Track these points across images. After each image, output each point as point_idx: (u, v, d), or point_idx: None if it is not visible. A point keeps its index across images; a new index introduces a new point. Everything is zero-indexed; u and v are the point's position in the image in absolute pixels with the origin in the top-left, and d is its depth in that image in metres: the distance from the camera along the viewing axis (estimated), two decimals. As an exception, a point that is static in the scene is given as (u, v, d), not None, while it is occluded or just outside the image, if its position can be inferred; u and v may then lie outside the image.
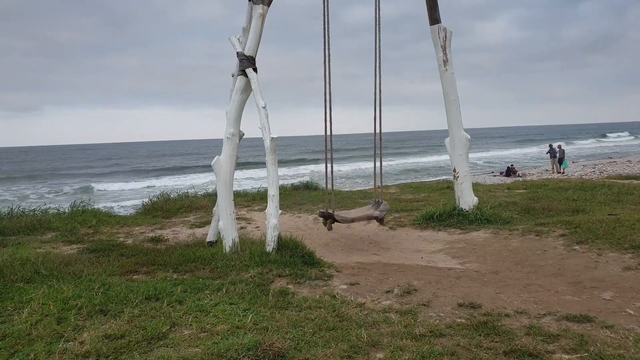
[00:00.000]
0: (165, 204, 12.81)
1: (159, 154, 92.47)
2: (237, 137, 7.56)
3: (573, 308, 4.71)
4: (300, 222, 10.42)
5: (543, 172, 32.31)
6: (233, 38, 7.59)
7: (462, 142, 9.55)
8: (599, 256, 6.28)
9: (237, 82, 7.49)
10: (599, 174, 26.08)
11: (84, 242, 8.68)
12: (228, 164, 7.38)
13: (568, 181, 15.03)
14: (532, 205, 10.26)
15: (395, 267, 6.48)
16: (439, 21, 9.59)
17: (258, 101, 7.19)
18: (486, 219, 9.02)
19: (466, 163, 9.64)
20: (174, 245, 8.10)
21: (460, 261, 6.97)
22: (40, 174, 53.39)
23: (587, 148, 65.24)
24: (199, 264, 6.33)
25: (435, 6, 9.62)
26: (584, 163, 38.15)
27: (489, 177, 31.55)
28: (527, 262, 6.50)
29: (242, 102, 7.55)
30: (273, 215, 6.74)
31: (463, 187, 9.52)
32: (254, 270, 5.86)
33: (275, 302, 4.72)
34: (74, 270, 5.92)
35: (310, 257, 6.37)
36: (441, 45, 9.57)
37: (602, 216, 8.35)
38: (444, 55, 9.56)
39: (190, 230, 10.03)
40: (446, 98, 9.64)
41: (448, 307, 4.74)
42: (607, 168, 30.58)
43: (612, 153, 52.17)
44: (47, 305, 4.51)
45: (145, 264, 6.54)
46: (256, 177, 37.13)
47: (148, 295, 4.84)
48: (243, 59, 7.38)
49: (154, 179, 43.80)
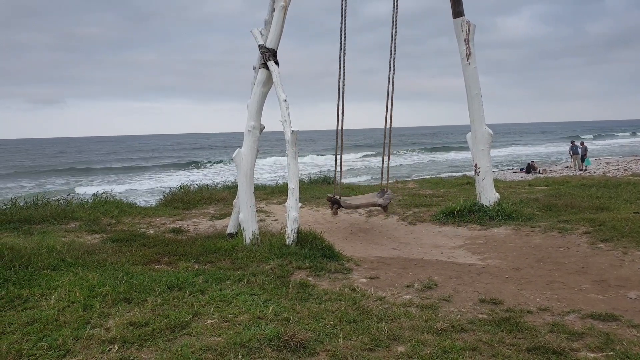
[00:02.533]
0: (186, 195, 12.94)
1: (187, 147, 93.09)
2: (257, 130, 7.60)
3: (598, 306, 4.63)
4: (319, 215, 10.43)
5: (564, 169, 31.79)
6: (255, 30, 7.60)
7: (484, 137, 9.43)
8: (625, 255, 6.16)
9: (258, 75, 7.51)
10: (622, 172, 25.55)
11: (107, 232, 8.83)
12: (249, 156, 7.43)
13: (591, 178, 14.75)
14: (554, 202, 10.10)
15: (415, 262, 6.45)
16: (463, 14, 9.47)
17: (279, 94, 7.20)
18: (507, 215, 8.91)
19: (488, 158, 9.52)
20: (195, 237, 8.19)
21: (481, 257, 6.90)
22: (69, 167, 54.40)
23: (610, 145, 63.90)
24: (219, 255, 6.39)
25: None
26: (607, 160, 37.39)
27: (509, 173, 31.17)
28: (550, 260, 6.41)
29: (263, 95, 7.58)
30: (293, 208, 6.76)
31: (484, 182, 9.41)
32: (274, 262, 5.90)
33: (296, 294, 4.75)
34: (98, 259, 6.03)
35: (329, 251, 6.38)
36: (464, 38, 9.45)
37: (627, 214, 8.18)
38: (467, 49, 9.43)
39: (211, 221, 10.12)
40: (468, 92, 9.52)
41: (469, 303, 4.71)
42: (632, 165, 29.95)
43: (637, 150, 51.02)
44: (73, 292, 4.61)
45: (167, 254, 6.63)
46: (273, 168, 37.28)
47: (170, 285, 4.90)
48: (265, 51, 7.38)
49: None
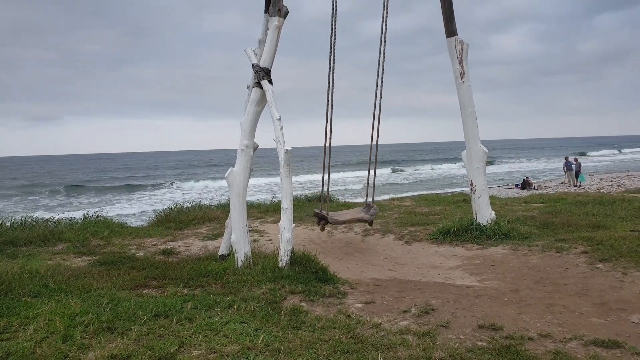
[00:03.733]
0: (178, 215, 12.75)
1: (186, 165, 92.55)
2: (251, 149, 7.47)
3: (600, 332, 4.48)
4: (314, 235, 10.26)
5: (559, 185, 31.80)
6: (249, 50, 7.53)
7: (479, 155, 9.35)
8: (624, 275, 6.03)
9: (252, 94, 7.42)
10: (616, 188, 25.56)
11: (95, 253, 8.62)
12: (242, 176, 7.29)
13: (586, 195, 14.67)
14: (550, 219, 9.99)
15: (411, 284, 6.29)
16: (456, 33, 9.46)
17: (273, 113, 7.10)
18: (504, 234, 8.78)
19: (483, 176, 9.43)
20: (186, 259, 8.00)
21: (479, 278, 6.74)
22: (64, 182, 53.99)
23: (603, 161, 64.28)
24: (210, 278, 6.20)
25: (451, 19, 9.48)
26: (601, 176, 37.49)
27: (504, 189, 31.14)
28: (549, 281, 6.26)
29: (257, 114, 7.47)
30: (286, 229, 6.60)
31: (480, 201, 9.30)
32: (266, 286, 5.72)
33: (288, 322, 4.56)
34: (83, 284, 5.82)
35: (324, 273, 6.20)
36: (458, 57, 9.42)
37: (624, 232, 8.07)
38: (460, 68, 9.40)
39: (203, 242, 9.94)
40: (463, 111, 9.47)
41: (468, 329, 4.54)
42: (625, 182, 29.99)
43: (629, 166, 51.31)
44: (53, 321, 4.40)
45: (156, 278, 6.42)
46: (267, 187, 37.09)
47: (157, 312, 4.71)
48: (258, 70, 7.31)
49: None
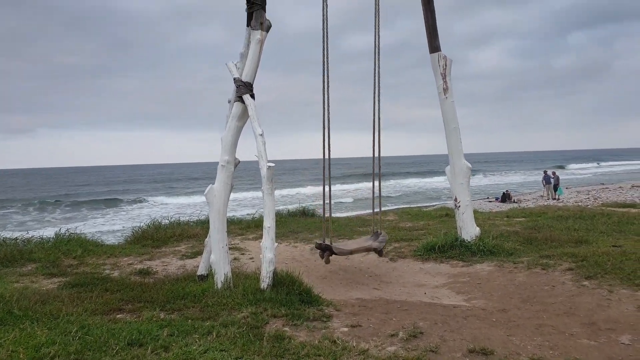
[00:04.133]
0: (156, 232, 12.36)
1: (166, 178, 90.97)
2: (232, 165, 7.26)
3: (592, 354, 4.37)
4: (296, 252, 10.04)
5: (538, 198, 32.22)
6: (230, 64, 7.34)
7: (463, 171, 9.30)
8: (611, 293, 5.96)
9: (233, 109, 7.22)
10: (593, 201, 25.97)
11: (67, 274, 8.23)
12: (222, 193, 7.06)
13: (566, 209, 14.78)
14: (534, 235, 9.96)
15: (398, 305, 6.11)
16: (439, 49, 9.44)
17: (255, 128, 6.91)
18: (489, 251, 8.70)
19: (467, 192, 9.37)
20: (163, 279, 7.68)
21: (466, 297, 6.61)
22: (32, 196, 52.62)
23: (580, 174, 65.64)
24: (188, 301, 5.93)
25: (435, 35, 9.47)
26: (578, 189, 38.15)
27: (484, 202, 31.40)
28: (536, 299, 6.16)
29: (239, 129, 7.27)
30: (269, 249, 6.38)
31: (464, 217, 9.22)
32: (247, 309, 5.48)
33: (270, 349, 4.33)
34: (52, 310, 5.48)
35: (307, 295, 5.99)
36: (441, 73, 9.40)
37: (606, 248, 8.06)
38: (444, 84, 9.38)
39: (181, 261, 9.62)
40: (446, 126, 9.42)
41: (458, 354, 4.38)
42: (601, 194, 30.53)
43: (604, 179, 52.44)
44: (16, 352, 4.08)
45: (131, 301, 6.12)
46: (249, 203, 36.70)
47: (131, 340, 4.43)
48: (240, 85, 7.13)
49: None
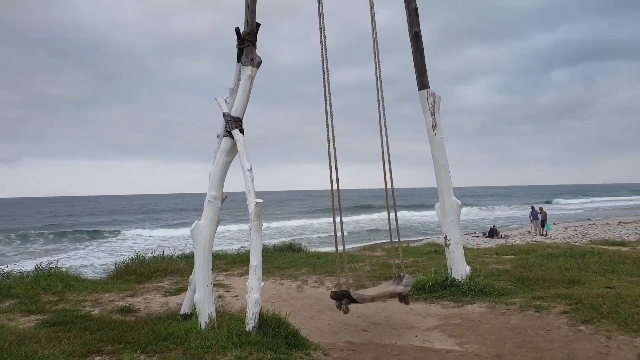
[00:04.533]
0: (139, 266, 12.02)
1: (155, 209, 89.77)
2: (219, 201, 7.11)
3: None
4: (282, 290, 9.78)
5: (525, 233, 32.30)
6: (220, 99, 7.30)
7: (453, 208, 9.22)
8: (609, 340, 5.82)
9: (222, 144, 7.14)
10: (581, 237, 26.08)
11: (46, 312, 7.89)
12: (208, 229, 6.88)
13: (556, 247, 14.75)
14: (525, 274, 9.84)
15: (388, 349, 5.90)
16: (428, 86, 9.52)
17: (244, 163, 6.81)
18: (480, 290, 8.55)
19: (458, 230, 9.27)
20: (145, 318, 7.38)
21: (458, 341, 6.41)
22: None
23: (566, 209, 66.29)
24: (171, 342, 5.67)
25: (423, 72, 9.56)
26: (565, 225, 38.40)
27: (472, 237, 31.36)
28: (531, 345, 5.99)
29: (227, 164, 7.17)
30: (255, 289, 6.17)
31: (455, 255, 9.09)
32: (232, 353, 5.24)
33: (257, 399, 4.09)
34: (27, 352, 5.21)
35: (294, 338, 5.77)
36: (430, 110, 9.45)
37: (600, 289, 7.96)
38: (433, 120, 9.41)
39: (164, 298, 9.30)
40: (435, 163, 9.40)
41: (453, 405, 4.17)
42: (589, 231, 30.69)
43: (591, 215, 52.99)
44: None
45: (111, 342, 5.84)
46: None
47: (108, 389, 4.16)
48: (230, 120, 7.06)
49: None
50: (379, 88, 7.80)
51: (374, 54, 7.81)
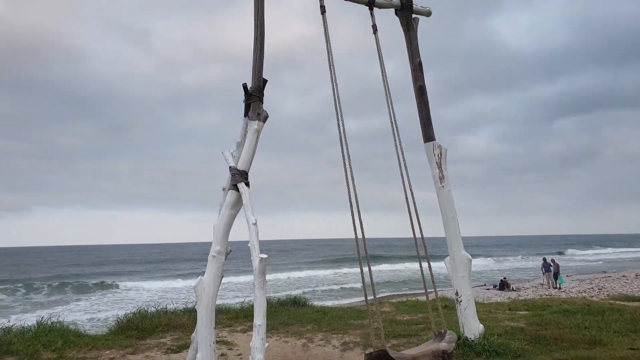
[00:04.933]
0: (142, 321, 11.69)
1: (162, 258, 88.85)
2: (223, 255, 6.97)
3: None
4: (287, 348, 9.41)
5: (538, 286, 31.45)
6: (226, 152, 7.31)
7: (464, 263, 8.96)
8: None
9: (227, 197, 7.07)
10: (598, 291, 25.30)
11: (42, 372, 7.60)
12: (211, 286, 6.70)
13: (572, 302, 14.24)
14: (541, 333, 9.43)
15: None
16: (434, 138, 9.50)
17: (249, 217, 6.70)
18: (494, 351, 8.15)
19: (469, 286, 8.97)
20: (144, 379, 7.07)
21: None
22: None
23: (579, 260, 64.93)
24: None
25: (429, 124, 9.58)
26: (579, 277, 37.45)
27: (482, 290, 30.55)
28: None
29: (232, 218, 7.08)
30: (258, 350, 5.91)
31: (467, 312, 8.75)
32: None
33: None
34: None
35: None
36: (437, 162, 9.39)
37: (624, 351, 7.57)
38: (440, 172, 9.33)
39: (166, 355, 8.97)
40: (444, 215, 9.24)
41: None
42: (605, 284, 29.83)
43: (604, 266, 51.79)
44: None
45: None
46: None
47: None
48: (236, 173, 7.03)
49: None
50: (397, 137, 7.75)
51: (388, 107, 7.86)
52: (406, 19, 9.60)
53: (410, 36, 9.62)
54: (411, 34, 9.62)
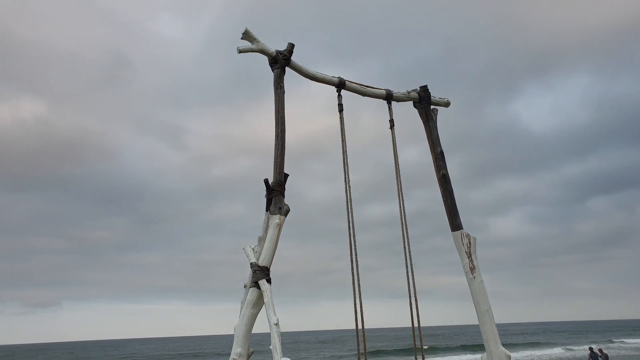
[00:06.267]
0: None
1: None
2: (244, 358, 6.66)
3: None
4: None
5: (587, 380, 28.92)
6: (247, 248, 7.24)
7: (502, 361, 8.33)
8: None
9: (248, 295, 6.91)
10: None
11: None
12: (233, 391, 6.34)
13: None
14: None
15: None
16: (461, 227, 9.27)
17: (270, 317, 6.49)
18: None
19: (509, 386, 8.27)
20: None
21: None
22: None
23: (630, 348, 59.93)
24: None
25: (454, 213, 9.39)
26: (632, 369, 34.37)
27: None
28: None
29: (253, 317, 6.87)
30: None
31: (510, 417, 7.98)
32: None
33: None
34: None
35: None
36: (466, 251, 9.07)
37: None
38: (470, 262, 8.98)
39: None
40: (477, 308, 8.76)
41: None
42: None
43: (659, 356, 47.56)
44: None
45: None
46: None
47: None
48: (257, 269, 6.92)
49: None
50: (404, 228, 7.61)
51: (399, 197, 7.79)
52: (425, 110, 9.79)
53: (430, 127, 9.74)
54: (430, 124, 9.75)
